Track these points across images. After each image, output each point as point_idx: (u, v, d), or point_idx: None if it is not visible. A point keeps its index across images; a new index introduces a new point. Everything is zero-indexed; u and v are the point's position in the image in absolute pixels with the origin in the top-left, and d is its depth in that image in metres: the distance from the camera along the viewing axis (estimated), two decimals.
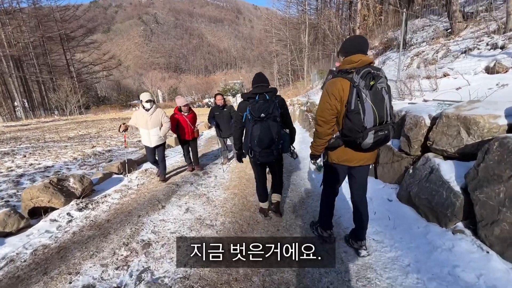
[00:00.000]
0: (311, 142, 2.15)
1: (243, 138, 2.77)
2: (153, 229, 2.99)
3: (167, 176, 5.08)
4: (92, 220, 3.26)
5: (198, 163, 5.45)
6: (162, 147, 4.58)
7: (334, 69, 2.55)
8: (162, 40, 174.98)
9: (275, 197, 3.13)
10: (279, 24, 37.92)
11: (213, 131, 12.16)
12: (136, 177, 4.90)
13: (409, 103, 3.71)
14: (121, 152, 7.81)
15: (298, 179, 4.46)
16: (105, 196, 3.96)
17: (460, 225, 2.23)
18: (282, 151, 2.65)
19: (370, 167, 2.22)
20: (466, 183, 2.16)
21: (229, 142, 5.82)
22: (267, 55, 47.79)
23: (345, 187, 2.80)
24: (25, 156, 7.92)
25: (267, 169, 3.26)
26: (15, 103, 36.90)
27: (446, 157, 2.57)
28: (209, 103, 59.65)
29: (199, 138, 9.64)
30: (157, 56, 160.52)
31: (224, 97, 5.51)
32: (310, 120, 8.55)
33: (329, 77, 2.33)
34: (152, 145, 4.35)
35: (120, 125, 4.08)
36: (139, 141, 9.11)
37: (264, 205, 3.14)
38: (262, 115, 2.41)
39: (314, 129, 2.02)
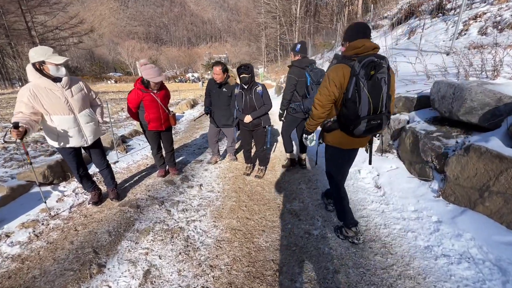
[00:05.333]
0: (307, 119, 2.17)
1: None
2: None
3: (123, 185, 3.35)
4: None
5: (174, 165, 3.73)
6: (99, 145, 2.79)
7: (340, 53, 2.04)
8: (140, 6, 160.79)
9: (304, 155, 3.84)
10: None
11: (196, 111, 10.22)
12: (74, 191, 3.11)
13: None
14: None
15: None
16: None
17: None
18: None
19: (371, 151, 2.21)
20: None
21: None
22: (255, 28, 44.62)
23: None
24: None
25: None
26: None
27: None
28: (193, 77, 55.45)
29: (177, 123, 7.76)
30: (135, 25, 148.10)
31: (228, 70, 3.64)
32: None
33: (334, 62, 2.02)
34: (89, 141, 2.54)
35: (10, 131, 2.01)
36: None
37: (293, 155, 3.83)
38: (321, 80, 2.90)
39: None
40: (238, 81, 3.16)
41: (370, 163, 2.18)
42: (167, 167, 3.72)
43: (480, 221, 2.02)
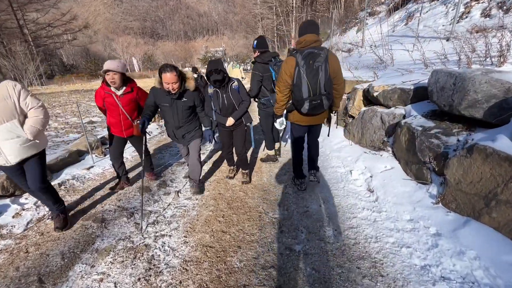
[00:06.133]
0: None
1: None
2: None
3: (92, 194, 3.06)
4: None
5: (152, 169, 3.44)
6: (35, 161, 2.19)
7: (292, 47, 2.55)
8: (135, 1, 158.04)
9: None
10: None
11: None
12: (35, 204, 2.83)
13: None
14: (58, 142, 5.35)
15: None
16: None
17: None
18: None
19: (330, 126, 2.86)
20: None
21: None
22: (251, 19, 43.78)
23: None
24: None
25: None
26: None
27: None
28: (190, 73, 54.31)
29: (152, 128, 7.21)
30: (130, 20, 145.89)
31: (183, 73, 2.61)
32: None
33: (288, 55, 2.48)
34: (10, 161, 2.04)
35: None
36: None
37: (272, 152, 3.85)
38: None
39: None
40: (191, 81, 2.65)
41: (328, 135, 2.98)
42: (125, 177, 3.22)
43: (486, 235, 1.73)
